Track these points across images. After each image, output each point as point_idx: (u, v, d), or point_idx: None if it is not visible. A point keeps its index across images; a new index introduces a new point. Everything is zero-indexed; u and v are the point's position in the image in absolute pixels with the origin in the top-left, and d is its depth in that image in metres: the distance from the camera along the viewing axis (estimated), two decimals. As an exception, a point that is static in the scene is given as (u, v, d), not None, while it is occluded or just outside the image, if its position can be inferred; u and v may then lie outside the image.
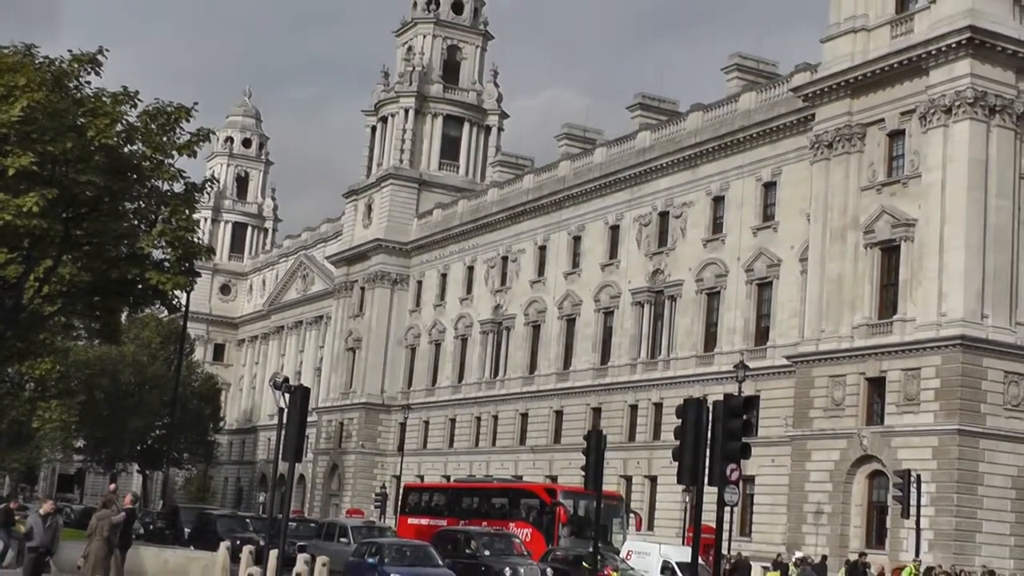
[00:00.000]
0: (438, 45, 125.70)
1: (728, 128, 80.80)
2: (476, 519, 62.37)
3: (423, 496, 73.71)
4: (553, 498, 58.49)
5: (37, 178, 42.43)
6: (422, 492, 76.31)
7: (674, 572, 49.34)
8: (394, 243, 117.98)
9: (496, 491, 66.44)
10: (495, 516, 61.50)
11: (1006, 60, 62.49)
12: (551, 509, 57.71)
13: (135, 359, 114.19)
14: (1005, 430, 60.45)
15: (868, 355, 64.18)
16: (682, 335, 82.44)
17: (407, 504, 73.51)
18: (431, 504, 71.05)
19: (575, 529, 56.15)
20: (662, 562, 50.56)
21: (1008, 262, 61.74)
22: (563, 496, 58.64)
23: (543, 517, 59.20)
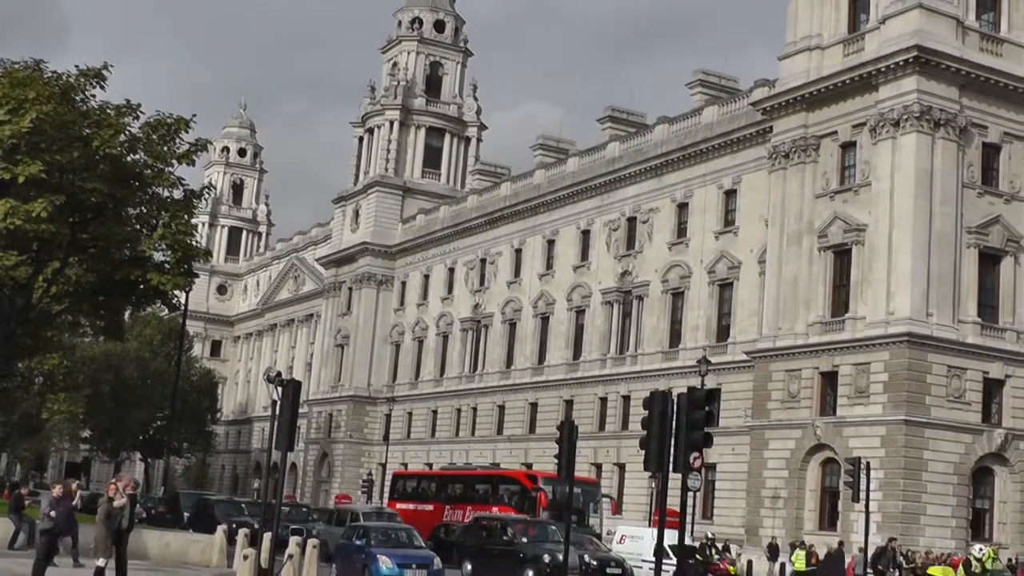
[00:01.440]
0: (421, 61, 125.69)
1: (692, 139, 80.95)
2: (461, 504, 62.24)
3: (411, 483, 72.99)
4: (534, 484, 58.01)
5: (45, 185, 42.44)
6: (409, 479, 75.54)
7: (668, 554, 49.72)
8: (380, 246, 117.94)
9: (480, 478, 65.79)
10: (479, 501, 61.06)
11: (950, 77, 62.68)
12: (532, 494, 57.27)
13: (137, 355, 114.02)
14: (948, 420, 60.64)
15: (821, 351, 64.36)
16: (649, 332, 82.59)
17: (396, 490, 72.97)
18: (418, 490, 70.37)
19: (555, 513, 54.97)
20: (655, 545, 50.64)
21: (951, 265, 61.94)
22: (543, 482, 57.91)
23: (524, 502, 58.62)
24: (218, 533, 41.44)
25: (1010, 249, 64.17)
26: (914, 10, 62.74)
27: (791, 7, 70.30)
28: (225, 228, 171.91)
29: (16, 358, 59.32)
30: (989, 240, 63.65)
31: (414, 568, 37.49)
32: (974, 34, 64.76)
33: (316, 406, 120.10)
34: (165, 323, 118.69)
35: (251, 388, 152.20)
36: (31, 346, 59.33)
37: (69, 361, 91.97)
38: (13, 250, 42.71)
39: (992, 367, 62.43)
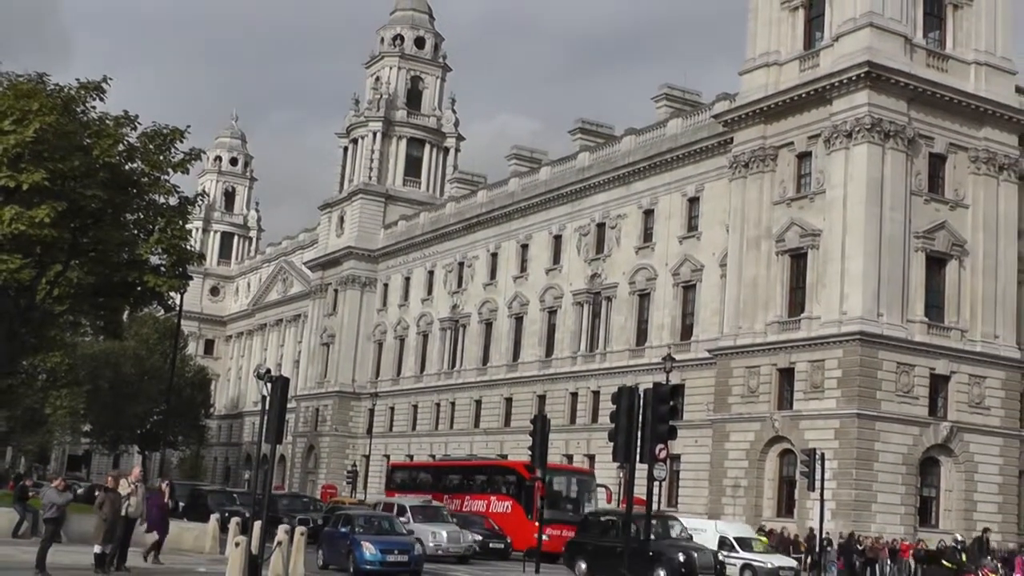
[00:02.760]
0: (403, 76, 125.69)
1: (657, 150, 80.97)
2: (459, 494, 60.82)
3: (408, 473, 71.18)
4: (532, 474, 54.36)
5: (48, 192, 42.32)
6: (407, 470, 73.70)
7: (732, 546, 48.42)
8: (363, 250, 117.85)
9: (477, 468, 64.22)
10: (476, 491, 59.59)
11: (899, 91, 62.92)
12: (530, 484, 54.32)
13: (135, 353, 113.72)
14: (897, 414, 60.88)
15: (779, 349, 64.53)
16: (617, 331, 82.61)
17: (393, 481, 71.05)
18: (416, 480, 68.23)
19: (551, 501, 52.97)
20: (719, 537, 48.96)
21: (900, 267, 62.15)
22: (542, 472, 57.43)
23: (522, 491, 56.66)
24: (211, 522, 41.39)
25: (955, 253, 64.45)
26: (865, 28, 62.98)
27: (751, 25, 70.50)
28: (218, 233, 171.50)
29: (20, 356, 59.09)
30: (935, 244, 63.89)
31: (396, 553, 37.40)
32: (921, 51, 65.02)
33: (303, 401, 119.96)
34: (161, 323, 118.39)
35: (242, 384, 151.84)
36: (34, 345, 59.09)
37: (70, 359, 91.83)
38: (17, 253, 42.55)
39: (938, 364, 62.70)
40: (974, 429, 63.27)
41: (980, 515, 62.07)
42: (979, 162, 65.69)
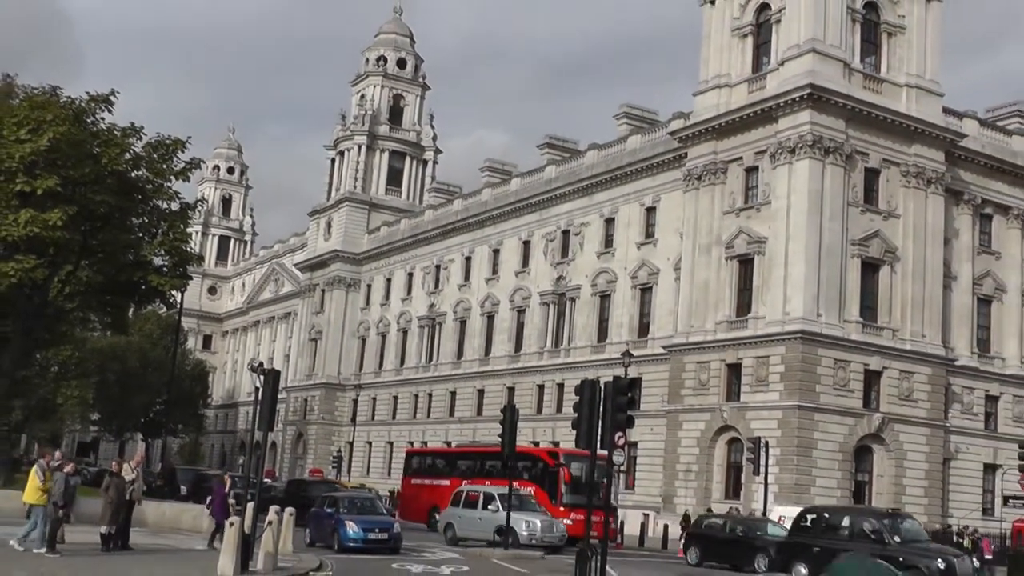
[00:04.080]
0: (385, 94, 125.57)
1: (618, 163, 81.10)
2: (479, 479, 56.50)
3: (424, 459, 67.77)
4: (556, 460, 53.35)
5: (60, 197, 42.43)
6: (423, 456, 70.05)
7: None
8: (349, 253, 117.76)
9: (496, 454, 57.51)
10: (495, 476, 54.19)
11: (838, 111, 63.18)
12: (555, 470, 52.50)
13: (139, 347, 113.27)
14: (834, 406, 61.12)
15: (727, 345, 64.74)
16: (580, 329, 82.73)
17: (410, 466, 67.34)
18: (433, 466, 65.08)
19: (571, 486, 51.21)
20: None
21: (838, 272, 62.41)
22: (565, 458, 53.50)
23: (545, 477, 53.75)
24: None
25: (887, 259, 64.74)
26: (808, 54, 63.24)
27: (704, 51, 70.71)
28: (215, 236, 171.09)
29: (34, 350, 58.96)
30: (870, 251, 64.16)
31: (377, 531, 37.52)
32: (858, 74, 65.32)
33: (293, 392, 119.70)
34: (163, 319, 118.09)
35: (237, 376, 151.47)
36: (47, 339, 58.94)
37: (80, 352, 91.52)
38: (32, 254, 42.60)
39: (871, 360, 62.98)
40: (903, 420, 63.57)
41: (908, 499, 62.31)
42: (909, 176, 65.98)
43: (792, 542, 36.61)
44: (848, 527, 35.07)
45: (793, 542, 36.46)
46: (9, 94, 47.11)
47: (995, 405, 70.62)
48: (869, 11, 66.79)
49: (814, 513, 39.24)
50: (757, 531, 42.02)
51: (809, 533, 36.18)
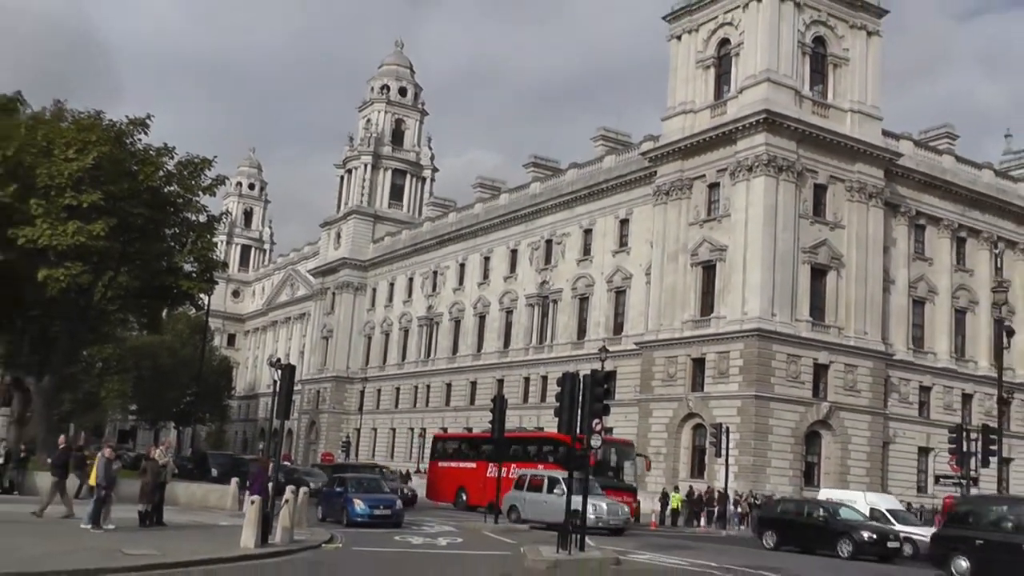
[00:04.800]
0: (388, 119, 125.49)
1: (595, 180, 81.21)
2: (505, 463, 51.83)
3: (450, 444, 64.22)
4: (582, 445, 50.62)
5: (103, 210, 42.50)
6: (449, 441, 66.11)
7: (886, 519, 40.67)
8: (356, 260, 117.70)
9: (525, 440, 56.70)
10: (522, 460, 52.23)
11: (790, 134, 63.40)
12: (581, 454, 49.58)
13: (171, 345, 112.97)
14: (787, 395, 61.37)
15: (692, 342, 64.91)
16: (561, 328, 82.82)
17: (436, 451, 63.57)
18: (458, 450, 61.61)
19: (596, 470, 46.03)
20: (870, 509, 41.88)
21: (790, 277, 62.63)
22: None
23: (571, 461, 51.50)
24: (232, 484, 41.45)
25: (833, 265, 64.96)
26: (763, 83, 63.51)
27: (671, 80, 70.90)
28: (238, 245, 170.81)
29: (80, 348, 59.07)
30: (818, 258, 64.37)
31: (381, 508, 37.57)
32: (808, 101, 65.56)
33: (307, 385, 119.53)
34: (192, 320, 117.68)
35: (257, 371, 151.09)
36: (91, 338, 59.08)
37: (120, 350, 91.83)
38: (78, 261, 42.63)
39: (820, 355, 63.22)
40: (848, 408, 63.83)
41: (852, 478, 62.53)
42: (853, 191, 66.20)
43: (950, 535, 31.38)
44: (1016, 519, 29.17)
45: (951, 535, 31.23)
46: (60, 118, 47.11)
47: (928, 395, 70.95)
48: (817, 45, 67.05)
49: (968, 504, 33.92)
50: (837, 516, 38.13)
51: (968, 525, 30.73)
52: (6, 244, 42.16)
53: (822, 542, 36.91)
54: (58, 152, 42.44)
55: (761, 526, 40.68)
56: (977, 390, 72.44)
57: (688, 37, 70.14)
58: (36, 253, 42.40)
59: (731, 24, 67.48)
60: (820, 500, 42.56)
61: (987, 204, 76.02)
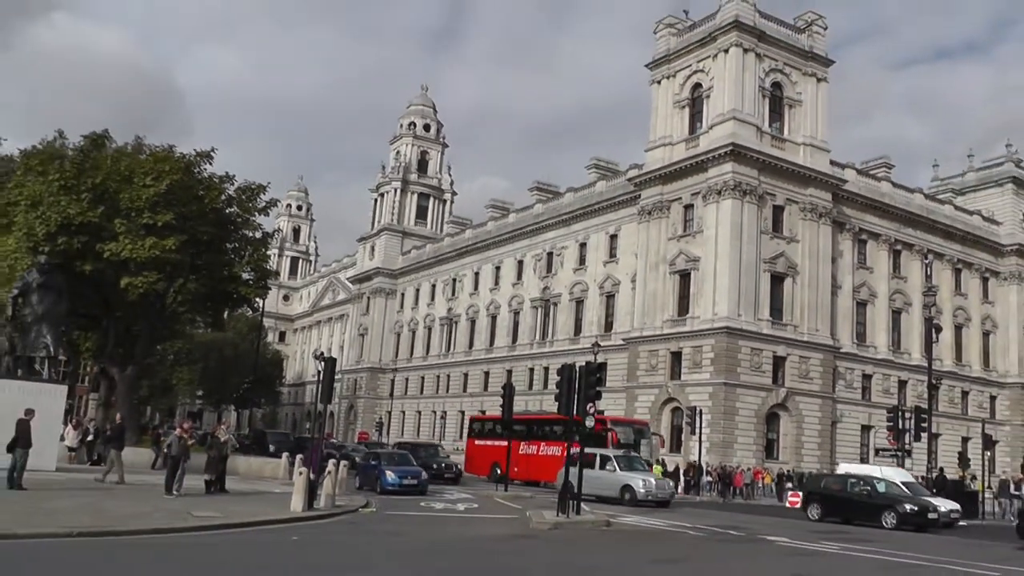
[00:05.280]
0: (415, 151, 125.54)
1: (589, 202, 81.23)
2: (535, 441, 51.93)
3: (485, 425, 61.23)
4: (604, 425, 47.36)
5: (175, 228, 42.70)
6: (484, 422, 62.73)
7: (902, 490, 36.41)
8: (388, 270, 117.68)
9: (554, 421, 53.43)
10: (551, 439, 50.12)
11: (753, 162, 63.49)
12: (603, 433, 46.67)
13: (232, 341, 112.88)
14: (751, 383, 61.39)
15: (671, 338, 64.94)
16: (560, 326, 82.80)
17: (473, 430, 61.30)
18: (493, 430, 58.25)
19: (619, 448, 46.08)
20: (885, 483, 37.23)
21: (753, 283, 62.66)
22: (612, 424, 49.21)
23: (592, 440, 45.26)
24: (283, 457, 41.45)
25: (790, 273, 64.97)
26: (730, 120, 63.60)
27: (653, 118, 70.98)
28: (288, 257, 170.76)
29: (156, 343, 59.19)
30: (777, 267, 64.39)
31: (409, 478, 37.56)
32: (767, 135, 65.63)
33: (346, 374, 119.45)
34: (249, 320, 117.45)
35: (305, 363, 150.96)
36: (166, 335, 59.21)
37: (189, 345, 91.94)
38: (154, 271, 42.81)
39: (778, 348, 63.20)
40: (802, 393, 63.81)
41: (806, 451, 62.64)
42: (806, 211, 66.21)
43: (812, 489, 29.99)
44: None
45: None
46: (139, 151, 47.34)
47: (869, 381, 70.88)
48: (775, 89, 67.08)
49: None
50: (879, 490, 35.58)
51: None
52: (95, 257, 42.32)
53: (866, 514, 34.68)
54: (137, 180, 42.65)
55: (806, 499, 37.71)
56: (911, 377, 72.37)
57: (667, 82, 70.20)
58: (119, 264, 42.57)
59: (703, 71, 67.52)
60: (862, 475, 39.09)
61: (919, 222, 76.10)
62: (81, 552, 16.49)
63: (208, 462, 30.05)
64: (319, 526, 23.42)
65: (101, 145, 46.78)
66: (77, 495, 25.47)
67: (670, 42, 70.53)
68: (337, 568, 16.77)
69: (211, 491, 29.31)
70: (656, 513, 34.32)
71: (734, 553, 22.69)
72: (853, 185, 71.45)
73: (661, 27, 71.73)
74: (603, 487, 38.34)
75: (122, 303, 45.83)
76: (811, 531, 29.60)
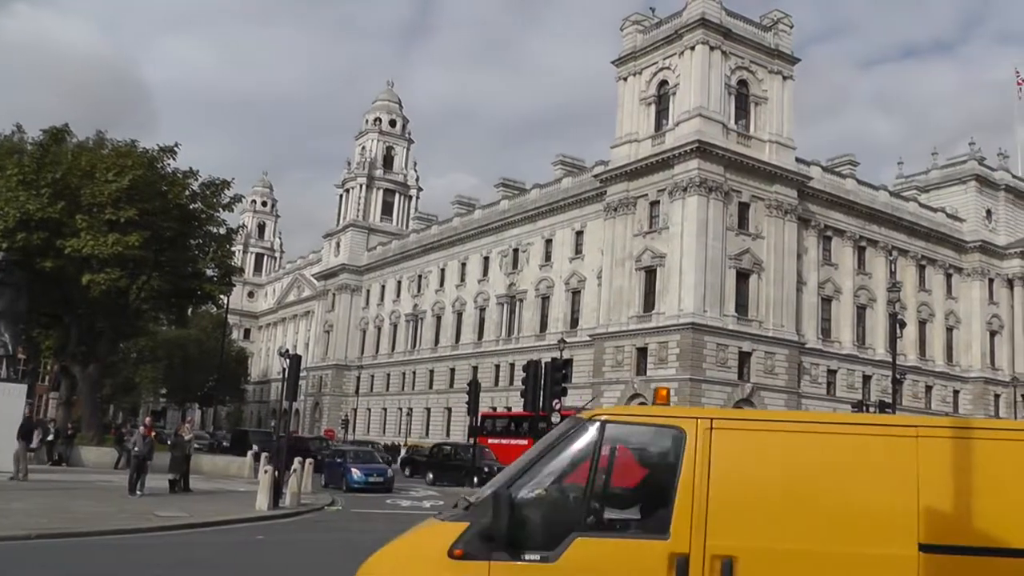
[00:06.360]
0: (380, 146, 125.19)
1: (555, 198, 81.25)
2: None
3: (498, 422, 60.71)
4: None
5: (138, 224, 42.45)
6: (497, 419, 62.16)
7: None
8: (353, 266, 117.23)
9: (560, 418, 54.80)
10: None
11: (719, 160, 63.69)
12: None
13: (196, 338, 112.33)
14: (717, 378, 61.63)
15: (637, 334, 65.05)
16: (526, 322, 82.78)
17: (483, 428, 56.63)
18: (509, 428, 57.86)
19: None
20: None
21: (719, 279, 62.90)
22: None
23: None
24: (248, 456, 41.18)
25: (755, 269, 65.26)
26: (696, 117, 63.76)
27: (619, 115, 71.02)
28: (253, 254, 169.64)
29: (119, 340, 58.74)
30: (742, 264, 64.66)
31: (375, 475, 37.50)
32: (733, 133, 65.87)
33: (312, 371, 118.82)
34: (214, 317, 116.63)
35: (270, 360, 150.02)
36: (128, 332, 58.76)
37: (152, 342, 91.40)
38: (117, 268, 42.50)
39: (744, 344, 63.49)
40: (767, 388, 64.13)
41: (772, 447, 62.79)
42: (771, 208, 66.56)
43: None
44: None
45: None
46: (101, 146, 46.99)
47: (834, 376, 71.37)
48: (741, 87, 67.35)
49: None
50: None
51: None
52: (56, 253, 41.94)
53: None
54: (99, 175, 42.34)
55: None
56: (875, 372, 72.97)
57: (633, 79, 70.32)
58: (81, 261, 42.24)
59: (669, 68, 67.70)
60: None
61: (883, 219, 76.71)
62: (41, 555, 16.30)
63: (172, 461, 29.85)
64: (285, 525, 23.31)
65: (61, 140, 46.34)
66: (37, 496, 25.19)
67: (636, 39, 70.68)
68: (302, 567, 16.68)
69: (175, 490, 29.10)
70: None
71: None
72: (818, 182, 71.90)
73: (628, 24, 71.86)
74: None
75: (84, 300, 45.42)
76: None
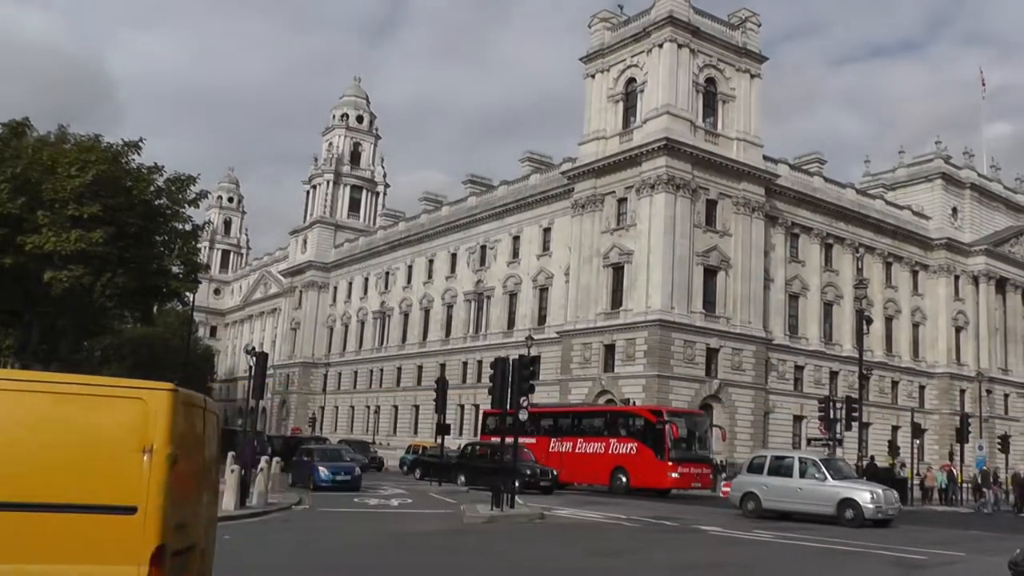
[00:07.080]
0: (348, 142, 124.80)
1: (522, 195, 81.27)
2: (569, 437, 48.48)
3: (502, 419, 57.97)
4: (660, 417, 44.21)
5: (102, 220, 41.99)
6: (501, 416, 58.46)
7: None
8: (320, 263, 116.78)
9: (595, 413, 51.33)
10: (591, 434, 47.54)
11: (686, 157, 63.85)
12: (659, 427, 43.50)
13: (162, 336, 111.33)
14: (684, 375, 61.81)
15: (604, 331, 65.15)
16: (494, 319, 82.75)
17: (486, 426, 55.68)
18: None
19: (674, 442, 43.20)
20: None
21: (686, 276, 63.11)
22: (669, 415, 45.09)
23: (648, 433, 44.31)
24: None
25: (723, 266, 65.55)
26: (664, 115, 63.91)
27: (587, 112, 71.09)
28: (219, 250, 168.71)
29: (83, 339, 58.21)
30: (710, 261, 64.92)
31: (342, 474, 37.44)
32: (701, 130, 66.03)
33: (278, 369, 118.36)
34: (180, 314, 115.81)
35: (236, 358, 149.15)
36: (93, 330, 58.23)
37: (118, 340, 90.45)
38: (81, 264, 42.08)
39: (711, 340, 63.74)
40: (735, 384, 64.47)
41: (739, 442, 63.13)
42: (739, 205, 66.87)
43: None
44: None
45: None
46: (63, 140, 46.48)
47: (801, 372, 71.88)
48: (709, 84, 67.57)
49: None
50: None
51: None
52: (16, 250, 41.48)
53: None
54: (62, 170, 41.88)
55: None
56: (842, 368, 73.58)
57: (601, 76, 70.40)
58: (43, 257, 41.78)
59: (637, 66, 67.85)
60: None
61: (850, 217, 77.32)
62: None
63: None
64: (252, 524, 23.17)
65: (21, 134, 45.81)
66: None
67: (604, 36, 70.77)
68: (269, 567, 16.59)
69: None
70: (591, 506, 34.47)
71: (668, 544, 22.85)
72: (786, 180, 72.30)
73: (596, 21, 71.95)
74: (808, 501, 30.40)
75: (46, 298, 44.94)
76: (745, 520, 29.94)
